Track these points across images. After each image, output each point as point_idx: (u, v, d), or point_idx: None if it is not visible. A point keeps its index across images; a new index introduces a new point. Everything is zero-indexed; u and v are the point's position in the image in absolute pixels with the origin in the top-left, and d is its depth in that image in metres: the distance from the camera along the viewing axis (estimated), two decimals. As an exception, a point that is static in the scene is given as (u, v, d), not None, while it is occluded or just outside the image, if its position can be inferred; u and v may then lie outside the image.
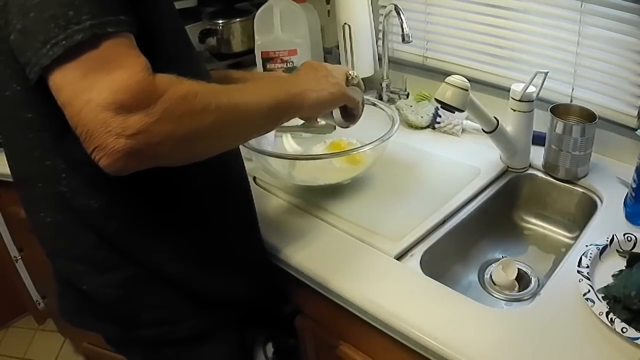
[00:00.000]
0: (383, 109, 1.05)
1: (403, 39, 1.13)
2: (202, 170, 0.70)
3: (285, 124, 1.11)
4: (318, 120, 1.12)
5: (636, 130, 0.98)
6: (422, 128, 1.23)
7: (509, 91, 1.01)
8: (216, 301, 0.79)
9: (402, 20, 1.12)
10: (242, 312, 0.86)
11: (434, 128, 1.22)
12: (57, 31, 0.49)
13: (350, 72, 0.83)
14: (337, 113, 0.85)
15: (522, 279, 0.94)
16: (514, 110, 1.01)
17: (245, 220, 0.85)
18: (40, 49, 0.50)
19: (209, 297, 0.77)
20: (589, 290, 0.71)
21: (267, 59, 1.35)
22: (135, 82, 0.50)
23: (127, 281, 0.71)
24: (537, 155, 1.06)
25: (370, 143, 0.93)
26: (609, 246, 0.81)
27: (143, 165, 0.54)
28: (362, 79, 1.31)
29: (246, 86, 0.67)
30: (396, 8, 1.13)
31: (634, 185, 0.87)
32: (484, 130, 1.01)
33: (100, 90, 0.49)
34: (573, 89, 1.07)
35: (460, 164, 1.07)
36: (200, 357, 0.81)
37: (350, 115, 0.85)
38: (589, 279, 0.74)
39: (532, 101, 0.99)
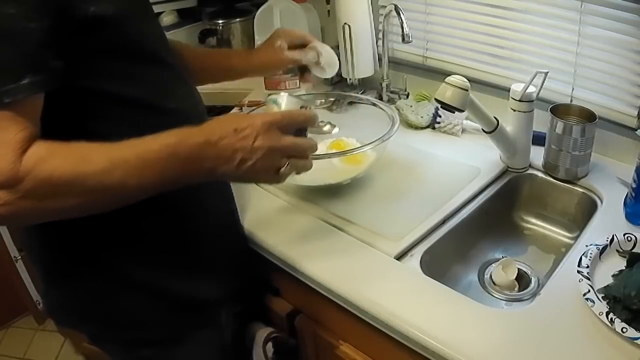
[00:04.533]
0: (383, 109, 1.05)
1: (403, 39, 1.13)
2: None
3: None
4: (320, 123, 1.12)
5: (636, 130, 0.98)
6: (422, 128, 1.23)
7: (509, 91, 1.01)
8: (191, 304, 0.80)
9: (402, 20, 1.12)
10: (221, 313, 0.87)
11: (434, 128, 1.22)
12: None
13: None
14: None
15: (522, 279, 0.94)
16: (514, 110, 1.01)
17: (223, 227, 0.86)
18: None
19: (183, 301, 0.79)
20: (589, 290, 0.71)
21: (267, 59, 1.35)
22: (4, 163, 0.54)
23: (99, 286, 0.74)
24: (537, 155, 1.06)
25: (370, 143, 0.94)
26: (609, 246, 0.81)
27: (18, 225, 0.58)
28: (363, 79, 1.33)
29: (137, 157, 0.60)
30: (396, 8, 1.13)
31: (634, 185, 0.87)
32: (484, 130, 1.01)
33: None
34: (573, 89, 1.07)
35: (460, 164, 1.07)
36: (178, 357, 0.81)
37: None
38: (589, 279, 0.74)
39: (532, 101, 0.99)
